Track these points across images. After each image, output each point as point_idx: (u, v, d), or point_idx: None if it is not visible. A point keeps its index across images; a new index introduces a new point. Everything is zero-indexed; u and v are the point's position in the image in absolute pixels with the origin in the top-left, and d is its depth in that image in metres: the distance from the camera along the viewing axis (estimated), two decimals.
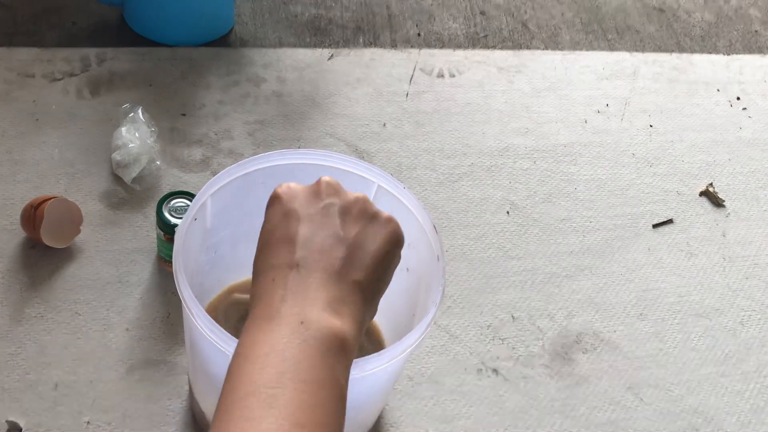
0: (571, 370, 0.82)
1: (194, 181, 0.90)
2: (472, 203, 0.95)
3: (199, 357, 0.61)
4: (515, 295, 0.87)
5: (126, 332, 0.77)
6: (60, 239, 0.80)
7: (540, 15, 1.22)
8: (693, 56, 1.21)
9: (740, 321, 0.90)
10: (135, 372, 0.75)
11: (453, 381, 0.79)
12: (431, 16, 1.18)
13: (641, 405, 0.81)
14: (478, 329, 0.84)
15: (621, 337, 0.86)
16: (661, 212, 0.99)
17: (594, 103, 1.10)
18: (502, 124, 1.05)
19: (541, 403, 0.79)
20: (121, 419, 0.72)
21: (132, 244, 0.83)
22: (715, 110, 1.13)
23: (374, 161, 0.97)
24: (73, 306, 0.78)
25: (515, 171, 1.00)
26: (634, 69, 1.17)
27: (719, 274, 0.94)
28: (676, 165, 1.05)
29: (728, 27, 1.28)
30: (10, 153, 0.89)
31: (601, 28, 1.22)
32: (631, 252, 0.94)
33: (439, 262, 0.61)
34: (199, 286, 0.68)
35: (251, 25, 1.10)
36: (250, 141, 0.95)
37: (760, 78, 1.19)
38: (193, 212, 0.61)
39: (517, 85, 1.10)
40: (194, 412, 0.73)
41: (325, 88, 1.04)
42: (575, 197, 0.98)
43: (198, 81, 1.00)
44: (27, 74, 0.97)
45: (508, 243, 0.92)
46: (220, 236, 0.69)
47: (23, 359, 0.74)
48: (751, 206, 1.02)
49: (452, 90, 1.08)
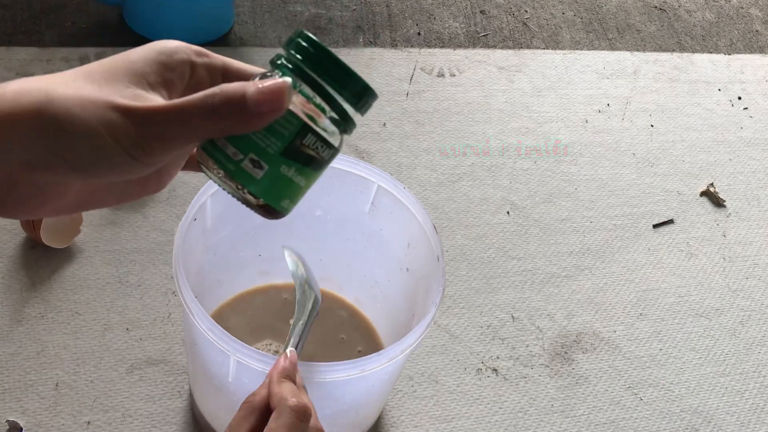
0: (570, 370, 0.82)
1: (194, 181, 0.90)
2: (472, 203, 0.95)
3: (199, 357, 0.61)
4: (515, 295, 0.87)
5: (126, 332, 0.77)
6: (60, 239, 0.80)
7: (540, 14, 1.22)
8: (694, 56, 1.21)
9: (740, 321, 0.90)
10: (135, 372, 0.75)
11: (453, 381, 0.79)
12: (431, 16, 1.18)
13: (641, 405, 0.81)
14: (478, 329, 0.84)
15: (621, 337, 0.86)
16: (662, 212, 0.99)
17: (595, 102, 1.10)
18: (503, 123, 1.05)
19: (540, 402, 0.79)
20: (121, 419, 0.72)
21: (132, 244, 0.83)
22: (716, 110, 1.13)
23: (374, 161, 0.96)
24: (73, 306, 0.78)
25: (515, 171, 0.99)
26: (634, 68, 1.16)
27: (719, 274, 0.94)
28: (676, 165, 1.05)
29: (729, 26, 1.27)
30: None
31: (601, 28, 1.22)
32: (632, 252, 0.94)
33: (439, 262, 0.61)
34: (198, 286, 0.68)
35: (251, 24, 1.10)
36: None
37: (761, 77, 1.19)
38: (193, 212, 0.61)
39: (517, 84, 1.10)
40: (194, 412, 0.73)
41: None
42: (575, 197, 0.98)
43: None
44: (26, 74, 0.97)
45: (508, 243, 0.92)
46: (220, 236, 0.69)
47: (23, 359, 0.74)
48: (751, 206, 1.02)
49: (452, 89, 1.08)
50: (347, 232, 0.72)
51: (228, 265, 0.73)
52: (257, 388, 0.48)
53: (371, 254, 0.73)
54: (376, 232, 0.70)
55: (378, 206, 0.68)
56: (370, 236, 0.71)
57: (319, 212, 0.71)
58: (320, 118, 0.37)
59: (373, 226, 0.70)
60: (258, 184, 0.36)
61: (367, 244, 0.72)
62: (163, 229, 0.85)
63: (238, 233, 0.70)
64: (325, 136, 0.37)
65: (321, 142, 0.37)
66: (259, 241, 0.73)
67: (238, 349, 0.54)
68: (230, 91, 0.33)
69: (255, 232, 0.72)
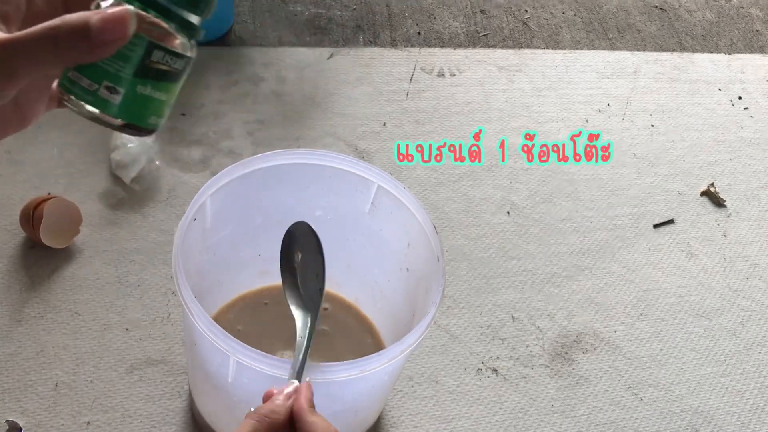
0: (571, 370, 0.82)
1: (194, 181, 0.90)
2: (472, 203, 0.95)
3: (198, 357, 0.61)
4: (515, 295, 0.87)
5: (126, 332, 0.77)
6: (59, 239, 0.80)
7: (540, 14, 1.22)
8: (694, 55, 1.21)
9: (740, 321, 0.90)
10: (135, 372, 0.75)
11: (453, 381, 0.79)
12: (431, 15, 1.18)
13: (641, 405, 0.81)
14: (477, 329, 0.84)
15: (621, 337, 0.86)
16: (662, 212, 0.99)
17: (595, 102, 1.10)
18: (503, 123, 1.05)
19: (540, 403, 0.79)
20: (120, 419, 0.72)
21: (131, 244, 0.83)
22: (716, 110, 1.13)
23: (374, 161, 0.96)
24: (72, 306, 0.78)
25: (515, 171, 0.99)
26: (635, 68, 1.16)
27: (720, 274, 0.94)
28: (677, 165, 1.05)
29: (729, 26, 1.27)
30: (9, 153, 0.89)
31: (602, 27, 1.22)
32: (632, 252, 0.94)
33: (439, 262, 0.61)
34: (198, 286, 0.68)
35: (251, 24, 1.10)
36: (249, 140, 0.95)
37: (762, 77, 1.19)
38: (193, 212, 0.61)
39: (517, 84, 1.10)
40: (194, 412, 0.73)
41: (324, 87, 1.04)
42: (575, 197, 0.98)
43: (197, 80, 1.00)
44: None
45: (508, 243, 0.92)
46: (219, 236, 0.69)
47: (23, 359, 0.74)
48: (752, 206, 1.02)
49: (452, 89, 1.07)
50: (347, 232, 0.72)
51: (228, 265, 0.73)
52: (271, 404, 0.48)
53: (371, 254, 0.73)
54: (376, 232, 0.70)
55: (378, 206, 0.68)
56: (370, 236, 0.71)
57: (319, 212, 0.71)
58: (166, 35, 0.37)
59: (373, 226, 0.70)
60: (119, 108, 0.37)
61: (367, 244, 0.72)
62: (163, 229, 0.85)
63: (238, 233, 0.70)
64: (173, 48, 0.38)
65: (171, 55, 0.38)
66: (259, 241, 0.73)
67: (238, 349, 0.54)
68: (73, 22, 0.33)
69: (255, 232, 0.72)
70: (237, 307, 0.77)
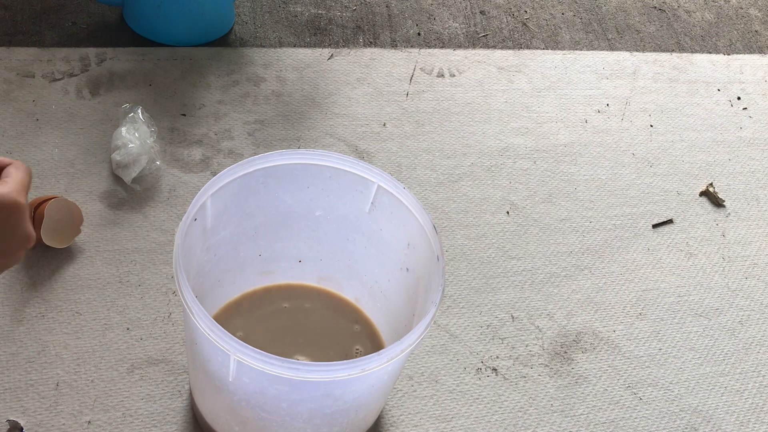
0: (570, 370, 0.82)
1: (194, 181, 0.90)
2: (472, 203, 0.95)
3: (199, 357, 0.61)
4: (515, 295, 0.87)
5: (126, 332, 0.77)
6: (60, 239, 0.80)
7: (540, 14, 1.22)
8: (693, 56, 1.21)
9: (739, 321, 0.90)
10: (135, 372, 0.75)
11: (452, 380, 0.80)
12: (431, 16, 1.18)
13: (640, 404, 0.81)
14: (477, 329, 0.84)
15: (620, 337, 0.86)
16: (661, 212, 0.99)
17: (594, 102, 1.10)
18: (502, 123, 1.05)
19: (540, 402, 0.80)
20: (121, 419, 0.72)
21: (132, 244, 0.84)
22: (715, 110, 1.13)
23: (374, 161, 0.97)
24: (73, 306, 0.78)
25: (515, 171, 1.00)
26: (634, 68, 1.17)
27: (719, 274, 0.94)
28: (676, 165, 1.05)
29: (728, 26, 1.28)
30: (10, 153, 0.89)
31: (601, 28, 1.23)
32: (631, 252, 0.94)
33: (439, 262, 0.61)
34: (199, 286, 0.69)
35: (251, 24, 1.10)
36: (249, 141, 0.96)
37: (761, 78, 1.20)
38: (193, 212, 0.61)
39: (517, 84, 1.10)
40: (195, 412, 0.73)
41: (324, 87, 1.04)
42: (575, 197, 0.98)
43: (198, 81, 1.01)
44: (27, 74, 0.97)
45: (508, 243, 0.92)
46: (220, 236, 0.69)
47: (24, 359, 0.74)
48: (751, 206, 1.02)
49: (452, 90, 1.08)
50: (347, 232, 0.73)
51: (228, 265, 0.73)
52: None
53: (371, 254, 0.73)
54: (376, 232, 0.70)
55: (378, 206, 0.68)
56: (370, 236, 0.71)
57: (319, 212, 0.71)
58: None
59: (373, 226, 0.70)
60: None
61: (367, 244, 0.72)
62: (164, 229, 0.85)
63: (238, 233, 0.71)
64: None
65: None
66: (259, 241, 0.73)
67: (238, 348, 0.54)
68: None
69: (255, 232, 0.72)
70: (237, 306, 0.77)
